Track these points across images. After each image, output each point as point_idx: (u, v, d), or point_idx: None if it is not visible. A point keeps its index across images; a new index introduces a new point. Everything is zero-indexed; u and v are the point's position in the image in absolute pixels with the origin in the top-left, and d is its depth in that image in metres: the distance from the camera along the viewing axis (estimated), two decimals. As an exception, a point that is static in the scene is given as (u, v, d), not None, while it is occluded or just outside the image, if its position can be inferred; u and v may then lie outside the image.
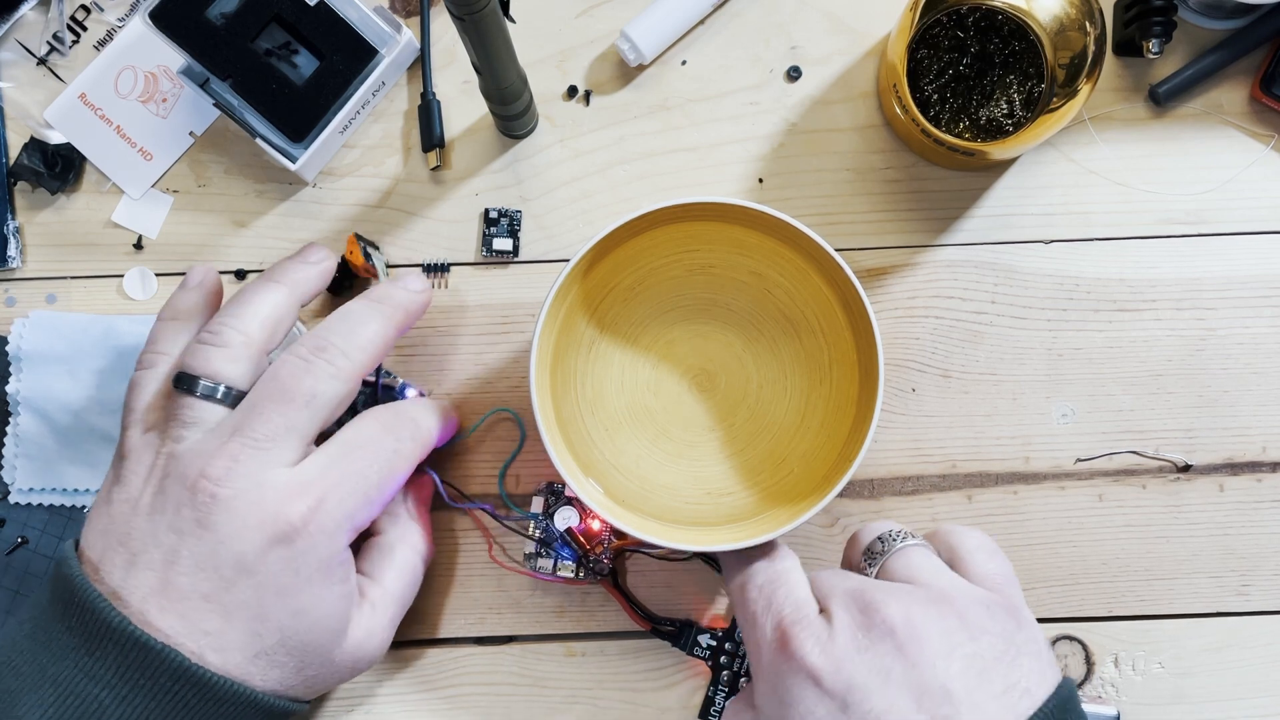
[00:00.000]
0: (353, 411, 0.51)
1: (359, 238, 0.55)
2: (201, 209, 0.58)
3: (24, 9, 0.58)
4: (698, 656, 0.48)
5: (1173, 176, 0.58)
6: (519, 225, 0.58)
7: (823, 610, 0.43)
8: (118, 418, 0.57)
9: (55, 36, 0.58)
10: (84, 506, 0.57)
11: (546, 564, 0.51)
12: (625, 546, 0.51)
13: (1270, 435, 0.57)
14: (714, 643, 0.48)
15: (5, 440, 0.57)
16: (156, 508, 0.43)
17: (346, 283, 0.56)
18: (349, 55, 0.55)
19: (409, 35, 0.56)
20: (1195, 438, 0.57)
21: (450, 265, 0.58)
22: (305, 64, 0.55)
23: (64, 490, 0.56)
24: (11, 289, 0.58)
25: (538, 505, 0.51)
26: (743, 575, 0.46)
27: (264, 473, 0.43)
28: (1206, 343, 0.58)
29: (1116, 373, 0.57)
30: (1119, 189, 0.58)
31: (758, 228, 0.52)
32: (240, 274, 0.58)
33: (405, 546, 0.51)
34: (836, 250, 0.49)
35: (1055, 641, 0.57)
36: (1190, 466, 0.57)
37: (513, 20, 0.50)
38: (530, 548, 0.52)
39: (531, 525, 0.51)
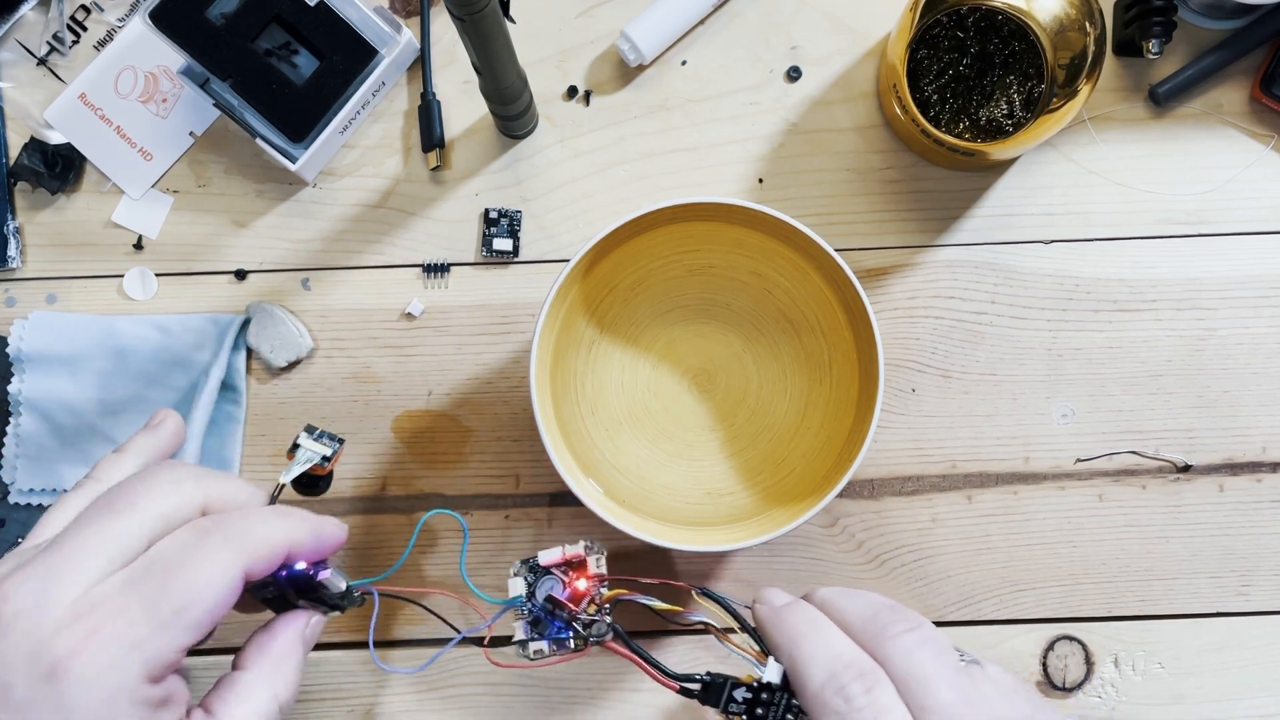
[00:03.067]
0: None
1: (308, 429, 0.47)
2: (201, 209, 0.58)
3: (24, 9, 0.58)
4: (732, 713, 0.44)
5: (1173, 176, 0.58)
6: (519, 225, 0.58)
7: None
8: (118, 418, 0.57)
9: (55, 36, 0.58)
10: (84, 506, 0.57)
11: (542, 646, 0.45)
12: (619, 597, 0.45)
13: (1270, 435, 0.57)
14: (750, 695, 0.41)
15: (5, 440, 0.57)
16: None
17: (313, 483, 0.48)
18: (349, 55, 0.55)
19: (409, 35, 0.56)
20: (1195, 438, 0.57)
21: (450, 265, 0.58)
22: (305, 64, 0.55)
23: (64, 491, 0.56)
24: (11, 289, 0.58)
25: (516, 588, 0.46)
26: (836, 717, 0.39)
27: (54, 589, 0.36)
28: (1206, 343, 0.58)
29: (1116, 373, 0.57)
30: (1119, 189, 0.58)
31: (758, 228, 0.52)
32: (240, 274, 0.58)
33: (264, 691, 0.41)
34: (836, 250, 0.49)
35: (1055, 641, 0.57)
36: (1190, 467, 0.57)
37: (513, 20, 0.50)
38: (521, 632, 0.46)
39: (516, 613, 0.46)
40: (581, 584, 0.46)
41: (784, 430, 0.55)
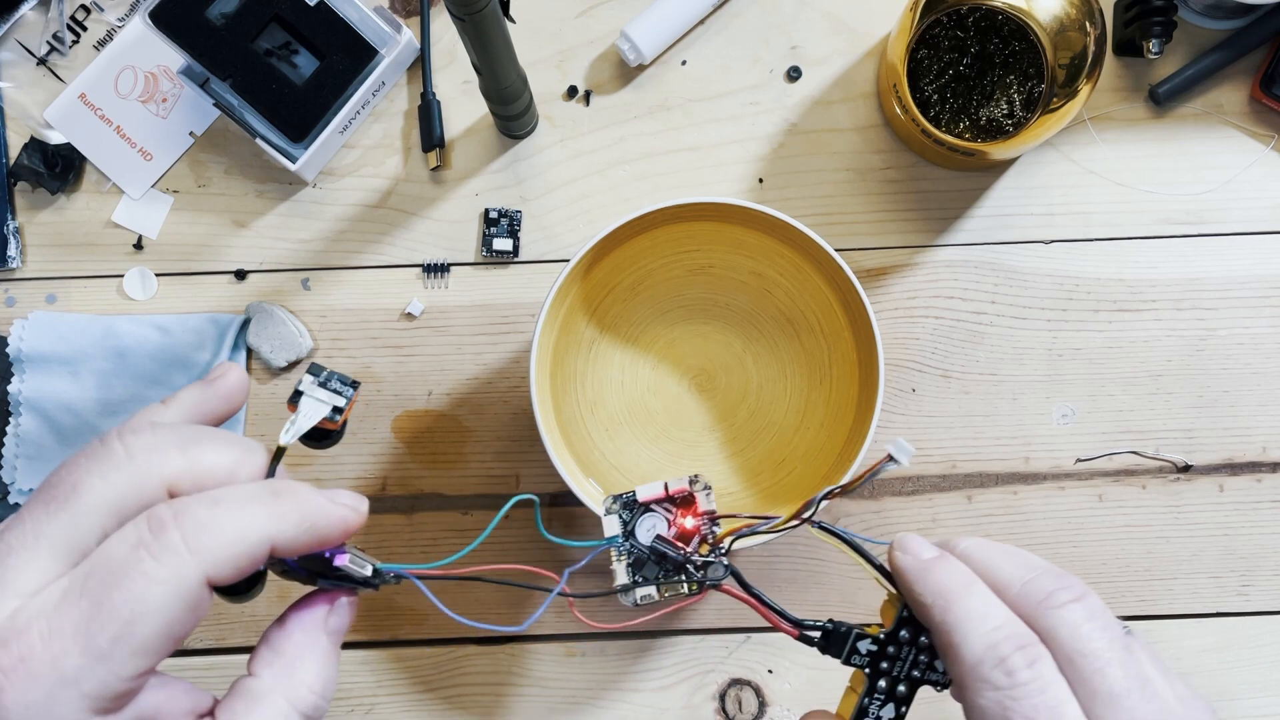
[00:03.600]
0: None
1: (313, 370, 0.37)
2: (201, 209, 0.58)
3: (24, 9, 0.58)
4: (854, 665, 0.41)
5: (1172, 177, 0.58)
6: (519, 225, 0.58)
7: None
8: (118, 418, 0.57)
9: (55, 36, 0.58)
10: (84, 506, 0.57)
11: (649, 591, 0.40)
12: (735, 532, 0.40)
13: (1270, 435, 0.57)
14: (874, 648, 0.38)
15: (5, 440, 0.57)
16: None
17: (324, 435, 0.39)
18: (349, 55, 0.55)
19: (409, 35, 0.56)
20: (1195, 438, 0.57)
21: (450, 265, 0.58)
22: (305, 64, 0.55)
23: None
24: (11, 289, 0.58)
25: (611, 526, 0.40)
26: (995, 694, 0.35)
27: None
28: (1206, 343, 0.58)
29: (1116, 373, 0.57)
30: (1119, 189, 0.58)
31: (758, 228, 0.52)
32: (240, 274, 0.58)
33: (281, 698, 0.35)
34: (836, 250, 0.49)
35: (1055, 641, 0.57)
36: (1190, 467, 0.57)
37: (513, 20, 0.50)
38: (622, 575, 0.40)
39: (614, 554, 0.40)
40: (689, 521, 0.40)
41: (784, 430, 0.55)
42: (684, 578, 0.40)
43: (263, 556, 0.33)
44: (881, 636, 0.39)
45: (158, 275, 0.58)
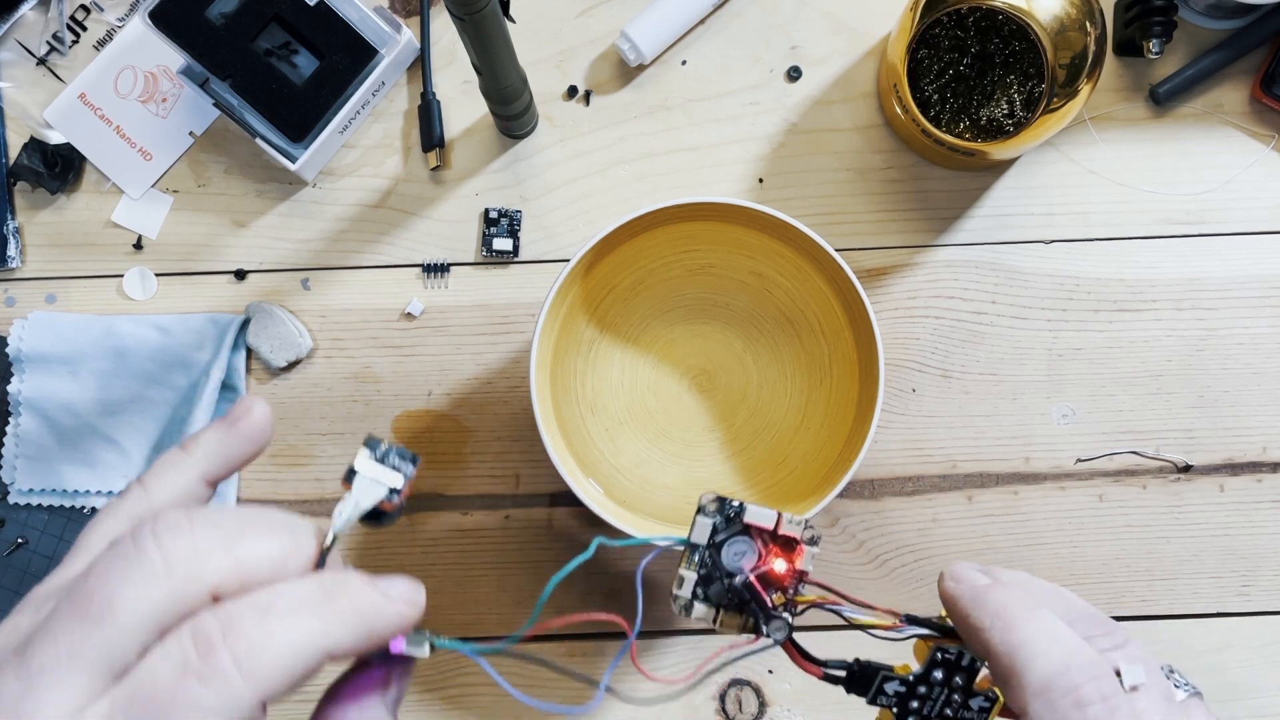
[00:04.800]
0: None
1: (369, 443, 0.34)
2: (201, 209, 0.58)
3: (24, 9, 0.58)
4: (881, 705, 0.38)
5: (1173, 176, 0.58)
6: (519, 225, 0.58)
7: None
8: (118, 419, 0.57)
9: (55, 36, 0.58)
10: (83, 507, 0.57)
11: (706, 613, 0.36)
12: (821, 604, 0.38)
13: (1270, 435, 0.57)
14: (903, 689, 0.37)
15: (5, 440, 0.57)
16: None
17: (380, 515, 0.35)
18: (349, 55, 0.55)
19: (409, 35, 0.56)
20: (1195, 438, 0.57)
21: (450, 265, 0.58)
22: (305, 64, 0.55)
23: (63, 491, 0.56)
24: (11, 289, 0.58)
25: (702, 531, 0.36)
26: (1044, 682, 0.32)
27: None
28: (1207, 343, 0.57)
29: (1116, 373, 0.57)
30: (1119, 189, 0.58)
31: (758, 228, 0.52)
32: (240, 274, 0.58)
33: None
34: (836, 250, 0.49)
35: (1055, 642, 0.57)
36: (1190, 467, 0.57)
37: (513, 20, 0.50)
38: (687, 586, 0.36)
39: (689, 558, 0.36)
40: (779, 565, 0.37)
41: (784, 430, 0.55)
42: (749, 621, 0.37)
43: (317, 669, 0.30)
44: (911, 678, 0.37)
45: (157, 275, 0.58)
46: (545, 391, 0.51)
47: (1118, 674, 0.33)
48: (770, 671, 0.57)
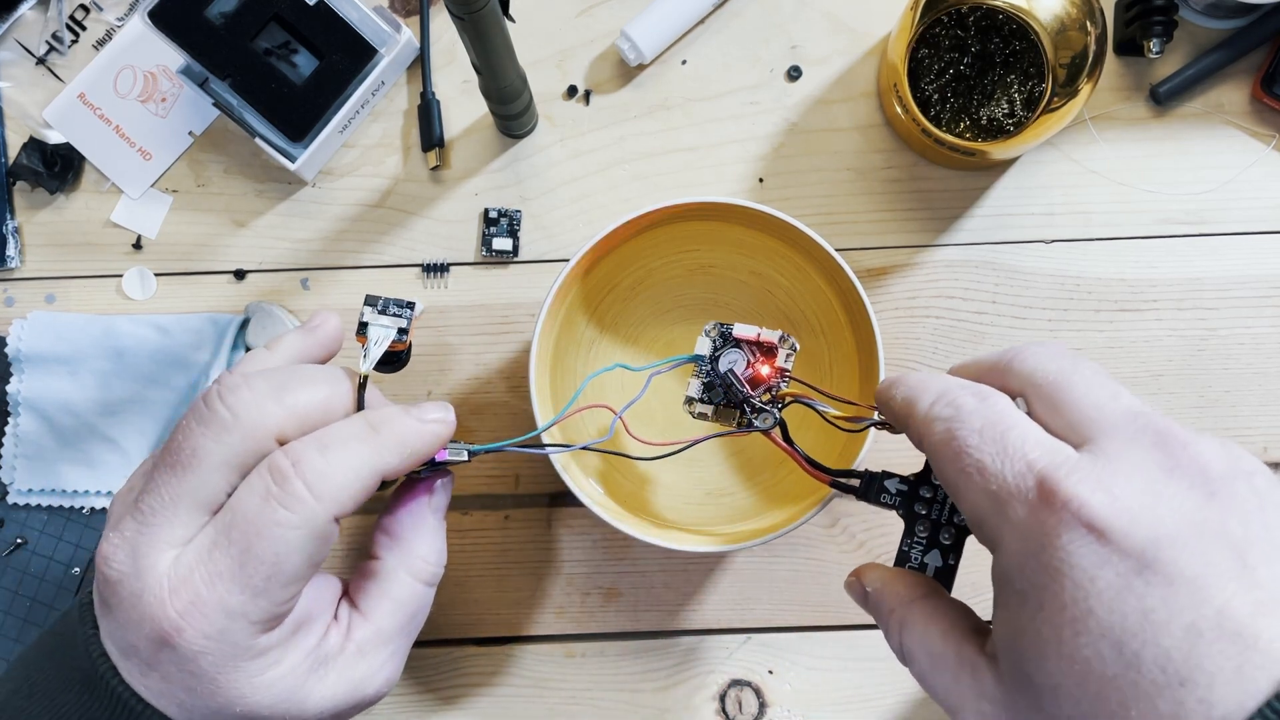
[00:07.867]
0: None
1: (368, 300, 0.43)
2: (201, 209, 0.58)
3: (23, 9, 0.58)
4: (885, 504, 0.40)
5: (1173, 176, 0.58)
6: (519, 225, 0.58)
7: (1079, 449, 0.33)
8: (117, 418, 0.57)
9: (54, 36, 0.58)
10: (83, 508, 0.57)
11: (707, 410, 0.45)
12: (797, 397, 0.44)
13: (1271, 435, 0.57)
14: (904, 488, 0.40)
15: (4, 440, 0.57)
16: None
17: (393, 359, 0.44)
18: (348, 55, 0.55)
19: (409, 35, 0.56)
20: (1196, 438, 0.57)
21: (450, 265, 0.58)
22: (305, 64, 0.55)
23: (63, 491, 0.56)
24: (11, 289, 0.58)
25: (702, 347, 0.45)
26: (944, 424, 0.35)
27: (147, 556, 0.36)
28: (1207, 343, 0.57)
29: (1117, 373, 0.57)
30: (1119, 189, 0.58)
31: (758, 227, 0.52)
32: (239, 274, 0.58)
33: (404, 573, 0.42)
34: (836, 250, 0.49)
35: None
36: (1191, 467, 0.57)
37: (513, 20, 0.50)
38: (693, 390, 0.45)
39: (695, 369, 0.45)
40: (765, 369, 0.45)
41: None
42: (739, 413, 0.44)
43: (375, 486, 0.38)
44: (913, 477, 0.40)
45: (157, 275, 0.58)
46: (545, 391, 0.51)
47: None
48: (770, 672, 0.57)
